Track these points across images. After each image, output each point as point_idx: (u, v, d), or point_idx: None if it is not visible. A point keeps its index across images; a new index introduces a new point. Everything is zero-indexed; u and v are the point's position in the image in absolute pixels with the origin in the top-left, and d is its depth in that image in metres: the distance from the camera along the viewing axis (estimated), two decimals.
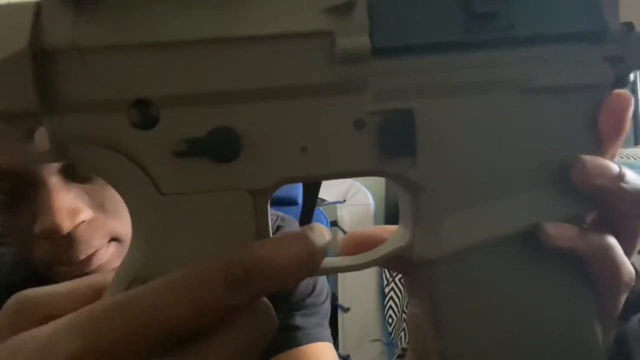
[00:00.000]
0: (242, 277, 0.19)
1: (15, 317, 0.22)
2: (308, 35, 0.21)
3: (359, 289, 1.59)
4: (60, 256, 0.44)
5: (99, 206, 0.46)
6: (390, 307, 1.50)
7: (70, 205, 0.44)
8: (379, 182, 1.99)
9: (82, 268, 0.45)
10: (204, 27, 0.20)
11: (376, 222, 1.84)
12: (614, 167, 0.23)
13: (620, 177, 0.23)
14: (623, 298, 0.25)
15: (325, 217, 1.44)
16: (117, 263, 0.45)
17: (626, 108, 0.23)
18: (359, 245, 0.26)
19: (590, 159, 0.22)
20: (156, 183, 0.21)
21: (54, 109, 0.20)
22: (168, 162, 0.21)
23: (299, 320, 0.64)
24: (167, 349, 0.19)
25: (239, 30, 0.21)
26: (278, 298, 0.62)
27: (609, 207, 0.24)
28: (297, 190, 1.22)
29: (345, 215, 1.70)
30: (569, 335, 0.24)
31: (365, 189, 1.81)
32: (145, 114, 0.21)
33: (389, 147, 0.22)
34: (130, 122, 0.21)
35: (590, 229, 0.24)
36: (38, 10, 0.20)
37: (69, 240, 0.44)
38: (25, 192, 0.44)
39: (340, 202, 1.72)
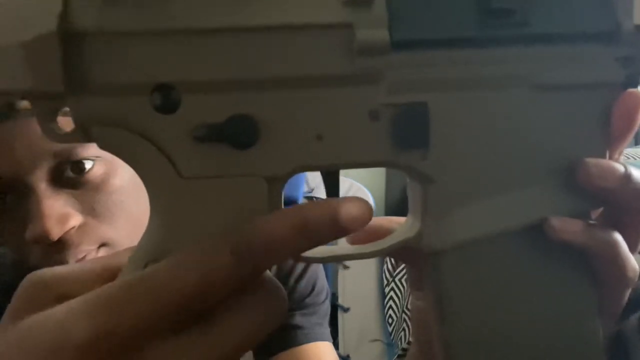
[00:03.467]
0: (244, 247, 0.19)
1: (29, 297, 0.22)
2: (328, 26, 0.21)
3: (359, 289, 1.58)
4: (51, 261, 0.44)
5: (90, 211, 0.46)
6: (390, 307, 1.50)
7: (60, 212, 0.44)
8: (379, 182, 1.99)
9: None
10: (228, 15, 0.21)
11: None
12: (619, 169, 0.23)
13: (626, 177, 0.23)
14: (627, 294, 0.26)
15: None
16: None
17: (638, 107, 0.23)
18: (368, 235, 0.27)
19: (595, 162, 0.23)
20: (176, 166, 0.22)
21: (79, 91, 0.21)
22: (188, 146, 0.22)
23: (298, 319, 0.65)
24: (182, 328, 0.19)
25: (262, 20, 0.21)
26: None
27: (615, 205, 0.24)
28: (298, 192, 1.22)
29: None
30: (570, 329, 0.24)
31: (365, 189, 1.80)
32: (167, 98, 0.22)
33: (402, 139, 0.23)
34: (152, 106, 0.22)
35: (596, 225, 0.24)
36: None
37: (59, 246, 0.44)
38: (16, 199, 0.45)
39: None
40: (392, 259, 1.45)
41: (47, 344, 0.19)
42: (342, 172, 0.30)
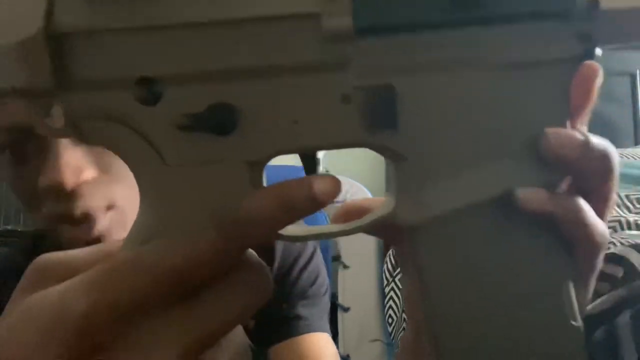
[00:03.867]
0: (229, 223, 0.21)
1: (34, 279, 0.23)
2: (297, 16, 0.23)
3: (359, 289, 1.58)
4: (61, 212, 0.45)
5: (104, 169, 0.47)
6: (390, 307, 1.50)
7: (76, 163, 0.45)
8: (379, 181, 1.99)
9: (84, 231, 0.46)
10: (202, 10, 0.22)
11: None
12: (578, 136, 0.25)
13: (585, 144, 0.25)
14: (599, 259, 0.26)
15: (325, 217, 1.44)
16: (116, 232, 0.47)
17: (594, 78, 0.25)
18: (350, 214, 0.28)
19: (554, 132, 0.24)
20: (161, 155, 0.23)
21: (68, 87, 0.22)
22: (171, 135, 0.23)
23: (301, 310, 0.66)
24: (172, 303, 0.21)
25: (235, 13, 0.22)
26: (284, 287, 0.66)
27: (578, 172, 0.25)
28: None
29: None
30: (546, 297, 0.25)
31: (365, 189, 1.81)
32: (149, 91, 0.23)
33: (373, 120, 0.24)
34: (136, 99, 0.23)
35: (561, 194, 0.25)
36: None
37: (71, 196, 0.45)
38: (36, 148, 0.46)
39: (339, 202, 1.72)
40: (392, 259, 1.45)
41: (48, 316, 0.20)
42: (342, 173, 0.31)
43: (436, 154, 0.24)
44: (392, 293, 1.50)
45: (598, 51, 0.25)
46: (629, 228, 1.21)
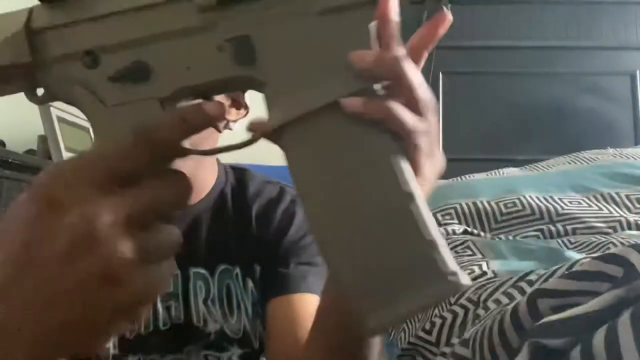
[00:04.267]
0: (143, 132, 0.31)
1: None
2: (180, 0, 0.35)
3: None
4: None
5: None
6: None
7: None
8: None
9: None
10: (119, 3, 0.35)
11: None
12: (370, 53, 0.33)
13: (378, 58, 0.33)
14: (429, 152, 0.36)
15: None
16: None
17: (388, 17, 0.34)
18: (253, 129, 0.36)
19: (355, 53, 0.33)
20: (103, 102, 0.35)
21: (43, 65, 0.36)
22: (108, 86, 0.35)
23: (293, 268, 0.72)
24: (120, 187, 0.30)
25: (138, 2, 0.35)
26: (279, 249, 0.73)
27: (379, 78, 0.34)
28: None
29: None
30: (391, 197, 0.33)
31: None
32: (91, 59, 0.35)
33: (239, 60, 0.34)
34: (84, 66, 0.35)
35: (377, 98, 0.34)
36: (31, 10, 0.36)
37: None
38: None
39: None
40: None
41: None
42: None
43: (285, 78, 0.34)
44: None
45: None
46: (629, 228, 1.21)
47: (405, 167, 0.33)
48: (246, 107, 0.73)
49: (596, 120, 1.95)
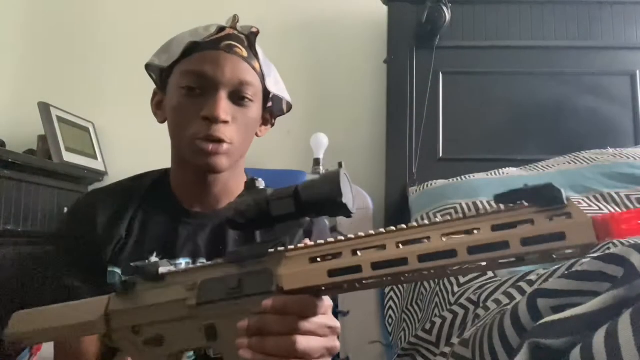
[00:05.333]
0: None
1: None
2: None
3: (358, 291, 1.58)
4: (206, 132, 0.78)
5: (235, 119, 0.80)
6: (390, 307, 1.50)
7: (226, 109, 0.79)
8: (379, 184, 1.99)
9: (214, 147, 0.78)
10: (153, 300, 0.55)
11: (376, 225, 1.83)
12: None
13: None
14: None
15: (324, 222, 1.43)
16: (226, 158, 0.80)
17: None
18: None
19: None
20: (139, 351, 0.55)
21: (109, 329, 0.59)
22: (143, 347, 0.56)
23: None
24: None
25: (162, 299, 0.56)
26: None
27: None
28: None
29: (344, 220, 1.69)
30: None
31: (363, 192, 1.81)
32: (137, 330, 0.58)
33: (209, 337, 0.54)
34: (133, 333, 0.57)
35: None
36: (109, 298, 0.61)
37: (215, 126, 0.78)
38: (206, 91, 0.79)
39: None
40: None
41: None
42: None
43: (233, 347, 0.52)
44: (392, 294, 1.50)
45: None
46: None
47: None
48: (273, 122, 0.93)
49: (596, 120, 1.95)
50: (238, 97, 0.80)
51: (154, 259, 0.80)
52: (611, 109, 1.96)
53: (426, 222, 0.46)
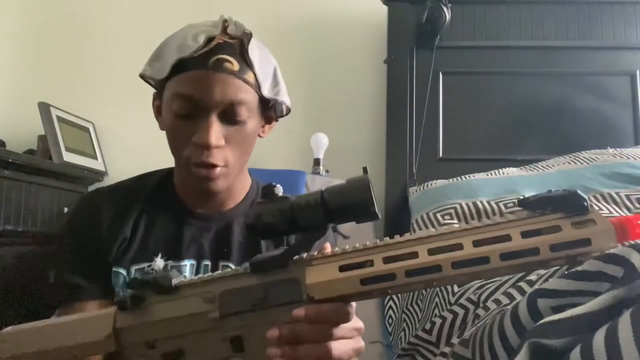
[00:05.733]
0: None
1: None
2: None
3: None
4: (198, 158, 0.75)
5: (228, 141, 0.77)
6: (390, 307, 1.50)
7: (218, 134, 0.75)
8: (379, 184, 1.99)
9: (208, 172, 0.76)
10: (166, 314, 0.54)
11: (375, 225, 1.84)
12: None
13: None
14: None
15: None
16: (223, 180, 0.78)
17: None
18: None
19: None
20: None
21: (121, 347, 0.57)
22: None
23: None
24: None
25: (178, 313, 0.55)
26: None
27: None
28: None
29: None
30: None
31: None
32: (151, 345, 0.56)
33: (235, 348, 0.53)
34: (146, 347, 0.56)
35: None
36: (115, 314, 0.57)
37: (207, 152, 0.75)
38: (193, 118, 0.76)
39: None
40: None
41: None
42: (341, 174, 0.31)
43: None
44: None
45: None
46: None
47: None
48: (276, 120, 0.89)
49: (596, 120, 1.95)
50: (231, 117, 0.76)
51: (159, 260, 0.80)
52: (611, 109, 1.96)
53: (455, 226, 0.47)
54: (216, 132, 0.75)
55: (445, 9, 1.90)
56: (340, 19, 2.22)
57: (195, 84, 0.74)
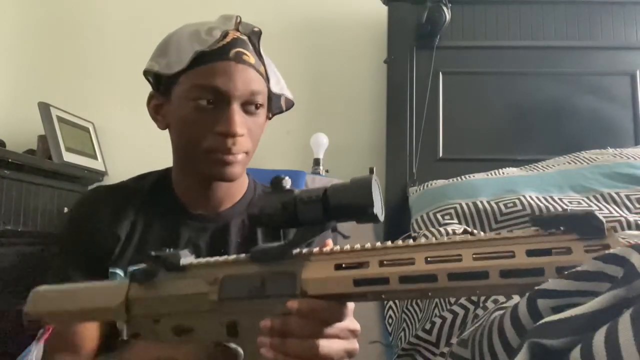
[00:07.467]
0: None
1: None
2: None
3: None
4: (223, 146, 0.78)
5: (249, 130, 0.81)
6: (390, 307, 1.50)
7: (241, 123, 0.79)
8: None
9: (230, 158, 0.78)
10: (172, 290, 0.56)
11: (375, 226, 1.83)
12: None
13: None
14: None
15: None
16: (240, 168, 0.81)
17: None
18: None
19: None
20: (161, 340, 0.58)
21: (130, 316, 0.59)
22: (166, 335, 0.57)
23: None
24: None
25: (182, 291, 0.56)
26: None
27: None
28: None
29: None
30: None
31: None
32: (157, 320, 0.58)
33: (230, 332, 0.55)
34: (152, 321, 0.58)
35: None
36: (129, 285, 0.60)
37: (232, 140, 0.78)
38: (215, 108, 0.78)
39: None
40: None
41: None
42: (342, 174, 0.31)
43: (254, 344, 0.53)
44: None
45: None
46: (629, 228, 1.21)
47: None
48: (270, 118, 0.92)
49: (596, 120, 1.95)
50: (249, 107, 0.80)
51: None
52: (611, 109, 1.96)
53: (457, 238, 0.45)
54: (240, 121, 0.78)
55: (445, 9, 1.90)
56: (341, 19, 2.22)
57: (218, 74, 0.77)
